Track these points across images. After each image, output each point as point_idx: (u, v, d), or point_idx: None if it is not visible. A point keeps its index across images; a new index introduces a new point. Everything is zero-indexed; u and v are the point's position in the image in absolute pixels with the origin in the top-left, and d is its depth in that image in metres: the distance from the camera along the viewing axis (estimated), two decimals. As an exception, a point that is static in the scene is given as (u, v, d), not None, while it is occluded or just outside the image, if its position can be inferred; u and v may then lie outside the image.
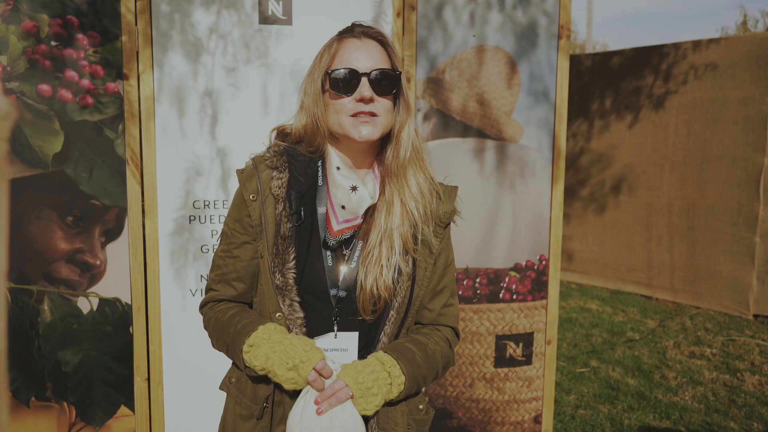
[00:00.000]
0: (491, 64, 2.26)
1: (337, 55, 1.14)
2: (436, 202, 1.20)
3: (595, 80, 6.07)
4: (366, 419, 1.11)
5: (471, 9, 2.22)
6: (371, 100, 1.11)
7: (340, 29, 1.19)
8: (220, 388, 1.28)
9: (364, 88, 1.11)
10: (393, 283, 1.15)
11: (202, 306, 1.27)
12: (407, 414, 1.18)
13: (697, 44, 5.33)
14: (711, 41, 5.26)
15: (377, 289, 1.13)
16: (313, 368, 1.08)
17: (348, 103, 1.12)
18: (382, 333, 1.18)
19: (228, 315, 1.19)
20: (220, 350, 1.23)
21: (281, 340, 1.10)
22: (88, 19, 1.94)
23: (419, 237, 1.17)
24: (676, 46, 5.48)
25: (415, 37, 2.18)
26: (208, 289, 1.26)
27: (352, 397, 1.08)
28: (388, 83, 1.13)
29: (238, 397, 1.21)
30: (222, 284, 1.22)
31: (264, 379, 1.15)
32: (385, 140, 1.19)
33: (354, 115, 1.11)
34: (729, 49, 5.11)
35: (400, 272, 1.16)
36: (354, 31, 1.16)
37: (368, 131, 1.11)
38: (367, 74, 1.11)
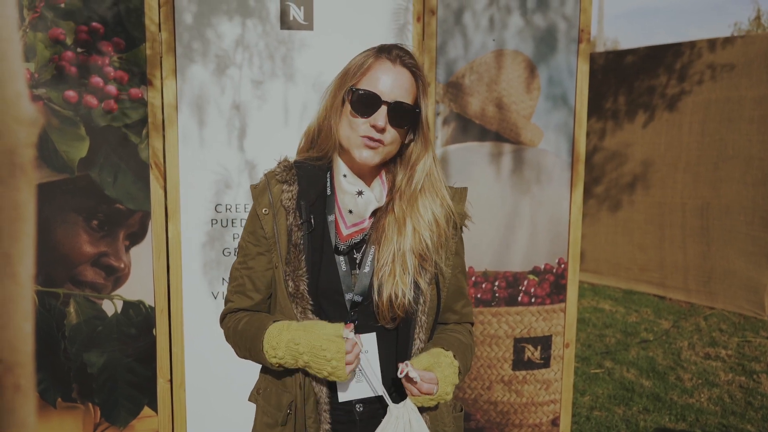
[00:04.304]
0: (510, 68, 2.27)
1: (368, 72, 1.14)
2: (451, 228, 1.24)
3: (608, 79, 6.05)
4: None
5: (490, 13, 2.23)
6: (383, 130, 1.13)
7: (382, 44, 1.18)
8: (249, 399, 1.31)
9: (380, 117, 1.12)
10: (411, 298, 1.17)
11: (222, 320, 1.29)
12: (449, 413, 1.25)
13: (712, 43, 5.30)
14: (727, 40, 5.22)
15: (393, 305, 1.16)
16: (346, 354, 1.11)
17: (362, 123, 1.13)
18: (417, 338, 1.21)
19: (242, 323, 1.23)
20: (245, 358, 1.26)
21: (300, 357, 1.13)
22: (112, 26, 1.97)
23: (433, 260, 1.20)
24: (691, 44, 5.45)
25: (435, 42, 2.19)
26: (226, 301, 1.28)
27: (429, 395, 1.14)
28: (404, 118, 1.14)
29: (265, 407, 1.24)
30: (238, 295, 1.25)
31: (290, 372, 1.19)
32: (395, 154, 1.21)
33: (363, 137, 1.13)
34: (745, 48, 5.07)
35: (418, 287, 1.19)
36: (391, 53, 1.15)
37: (369, 156, 1.14)
38: (388, 103, 1.12)
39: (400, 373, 1.11)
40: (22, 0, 1.88)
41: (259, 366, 1.28)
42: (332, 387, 1.18)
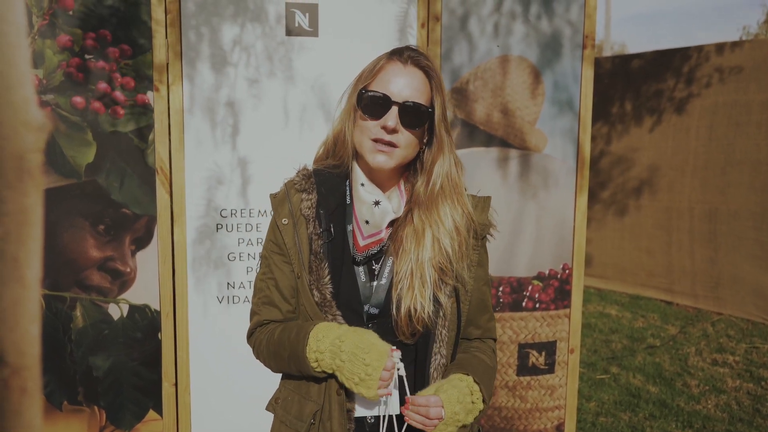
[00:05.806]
0: (515, 74, 2.27)
1: (378, 74, 1.13)
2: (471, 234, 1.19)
3: (615, 83, 6.03)
4: None
5: (495, 19, 2.23)
6: (394, 131, 1.10)
7: (395, 47, 1.17)
8: (267, 409, 1.28)
9: (390, 118, 1.09)
10: (430, 312, 1.14)
11: (250, 335, 1.25)
12: None
13: (720, 47, 5.27)
14: (735, 44, 5.20)
15: (412, 318, 1.13)
16: (384, 369, 1.07)
17: (373, 126, 1.11)
18: (437, 354, 1.17)
19: (278, 331, 1.19)
20: (281, 371, 1.22)
21: (339, 354, 1.08)
22: (120, 32, 1.99)
23: (454, 270, 1.16)
24: (699, 48, 5.42)
25: (439, 48, 2.19)
26: (252, 314, 1.25)
27: (441, 419, 1.09)
28: (417, 117, 1.11)
29: (284, 416, 1.21)
30: (266, 306, 1.21)
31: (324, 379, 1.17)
32: (414, 161, 1.18)
33: (375, 140, 1.11)
34: (753, 52, 5.05)
35: (438, 301, 1.15)
36: (402, 54, 1.13)
37: (383, 160, 1.11)
38: (399, 104, 1.10)
39: (405, 409, 1.09)
40: (31, 7, 1.91)
41: (272, 374, 1.27)
42: (352, 400, 1.16)
